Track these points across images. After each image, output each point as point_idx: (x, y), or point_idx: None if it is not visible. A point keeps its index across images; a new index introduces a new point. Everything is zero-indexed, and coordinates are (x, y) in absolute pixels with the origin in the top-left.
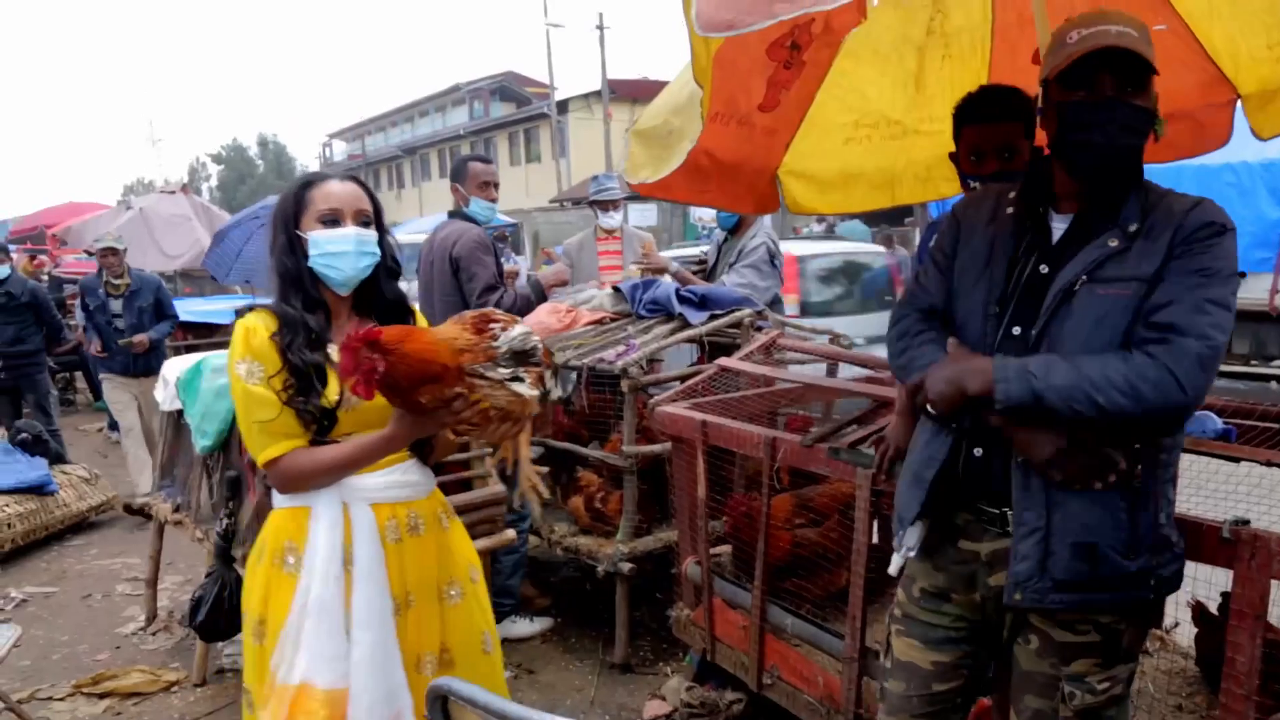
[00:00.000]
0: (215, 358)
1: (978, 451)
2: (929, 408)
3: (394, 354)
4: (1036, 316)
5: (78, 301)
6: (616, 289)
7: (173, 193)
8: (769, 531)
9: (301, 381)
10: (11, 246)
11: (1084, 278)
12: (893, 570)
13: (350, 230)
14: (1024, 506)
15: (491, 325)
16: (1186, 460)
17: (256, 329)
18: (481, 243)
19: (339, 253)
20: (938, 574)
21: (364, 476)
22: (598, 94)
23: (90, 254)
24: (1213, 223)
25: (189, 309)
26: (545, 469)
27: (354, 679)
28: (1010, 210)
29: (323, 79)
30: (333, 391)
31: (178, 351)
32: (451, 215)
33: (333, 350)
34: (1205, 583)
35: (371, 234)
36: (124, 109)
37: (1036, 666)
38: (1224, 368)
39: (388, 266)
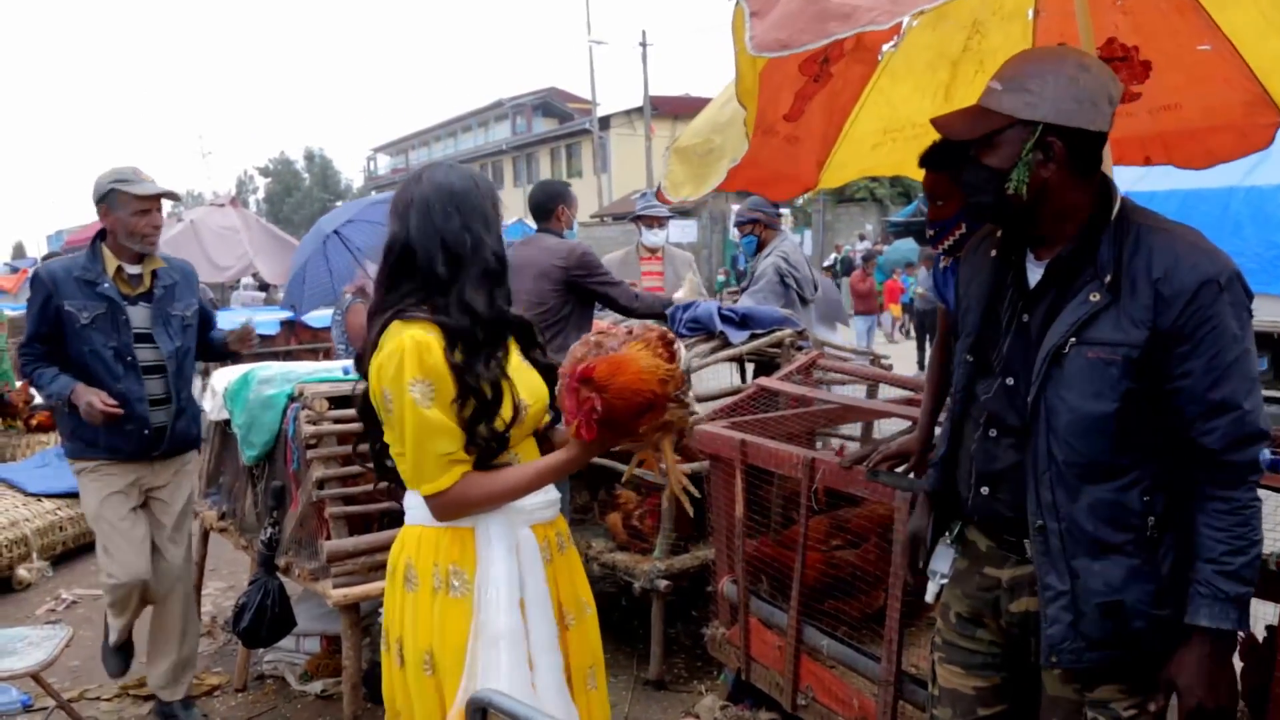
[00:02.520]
0: (263, 369)
1: (985, 490)
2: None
3: (609, 390)
4: (1027, 371)
5: None
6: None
7: (222, 205)
8: (804, 553)
9: (482, 404)
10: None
11: (1073, 340)
12: (929, 597)
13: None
14: (1045, 571)
15: (675, 346)
16: None
17: (430, 345)
18: (588, 252)
19: None
20: (967, 600)
21: (528, 497)
22: (639, 110)
23: None
24: (1207, 282)
25: (234, 320)
26: (691, 467)
27: (543, 705)
28: (992, 253)
29: (368, 94)
30: (506, 409)
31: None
32: (541, 232)
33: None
34: (1253, 616)
35: None
36: (175, 123)
37: (1061, 692)
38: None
39: None
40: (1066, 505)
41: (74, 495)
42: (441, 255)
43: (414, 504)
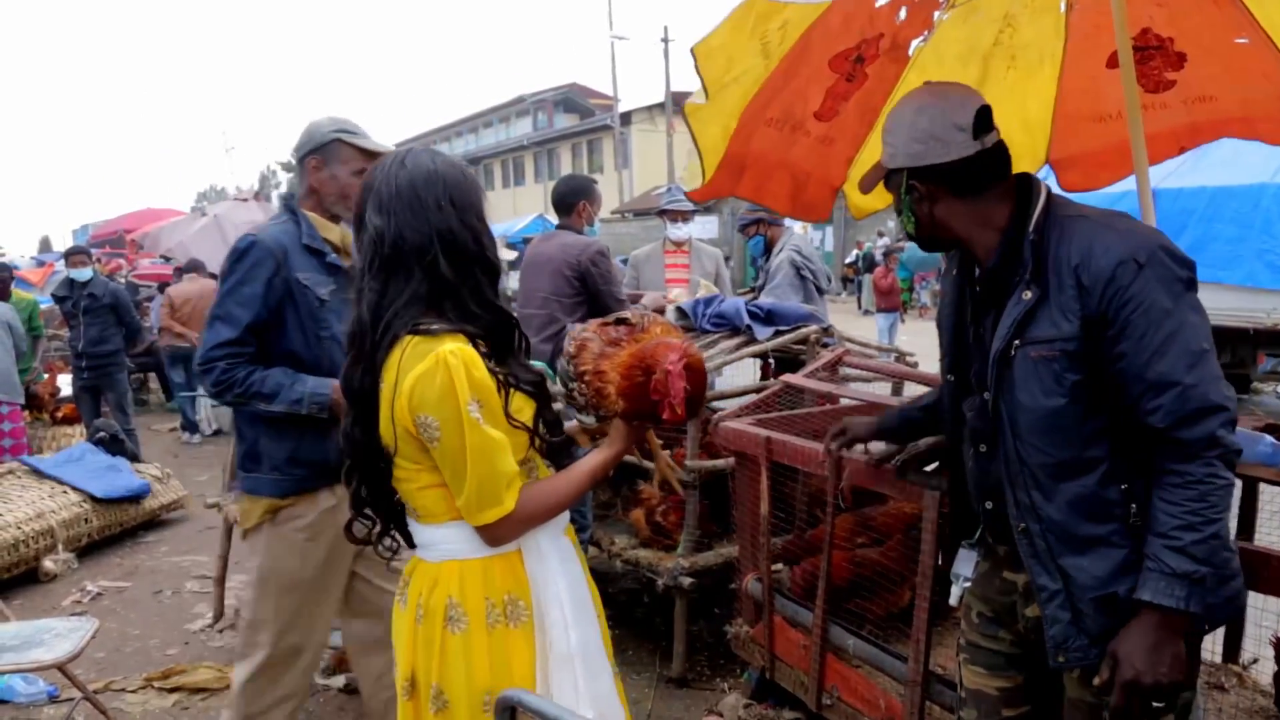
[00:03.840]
0: None
1: (989, 505)
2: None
3: (696, 371)
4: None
5: (153, 303)
6: (679, 309)
7: (246, 200)
8: (831, 552)
9: (541, 403)
10: (93, 250)
11: (1016, 342)
12: (953, 601)
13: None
14: (1037, 573)
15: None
16: (1268, 492)
17: (475, 359)
18: (604, 254)
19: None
20: (988, 602)
21: None
22: (661, 106)
23: (166, 259)
24: (1123, 262)
25: None
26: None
27: (610, 713)
28: (954, 273)
29: (390, 89)
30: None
31: None
32: (561, 229)
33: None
34: None
35: None
36: (199, 118)
37: (1080, 694)
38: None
39: None
40: (1044, 505)
41: (136, 497)
42: (444, 252)
43: (447, 538)
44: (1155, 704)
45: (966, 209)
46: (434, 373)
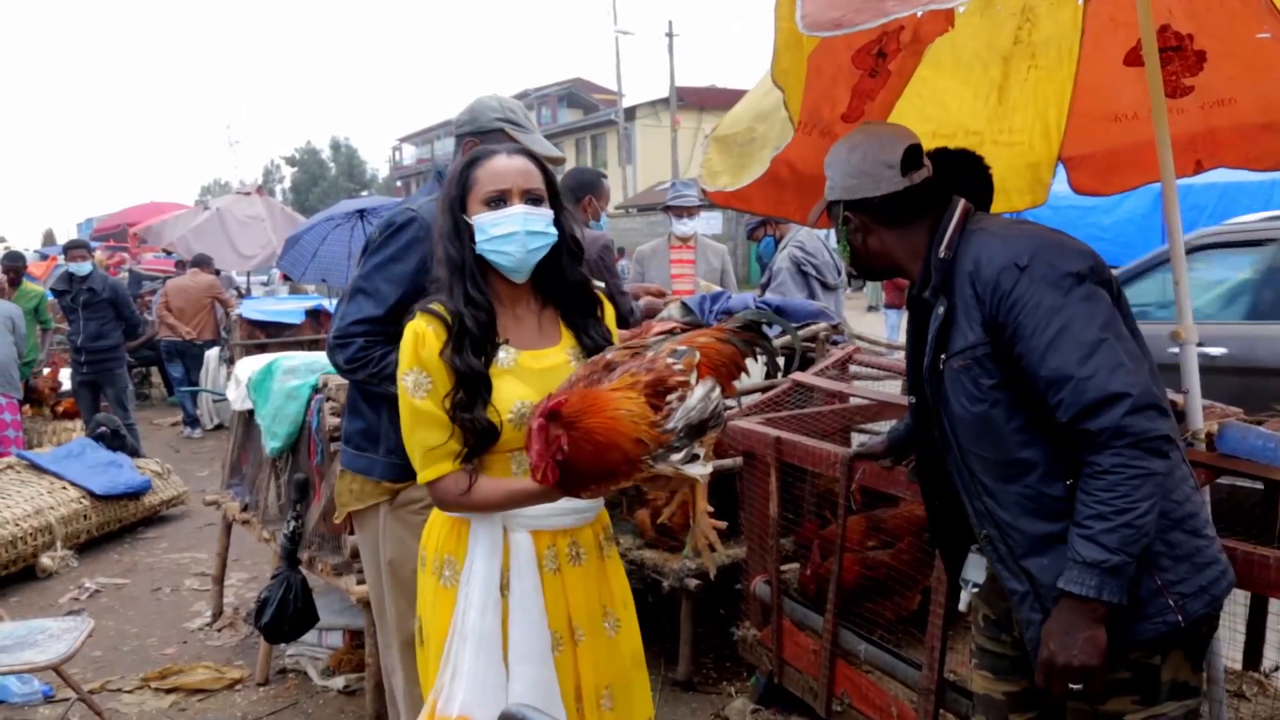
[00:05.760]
0: (287, 359)
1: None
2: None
3: (577, 429)
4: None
5: (155, 297)
6: (684, 304)
7: (248, 194)
8: (842, 554)
9: (467, 390)
10: (95, 244)
11: (942, 356)
12: (962, 607)
13: (517, 210)
14: (1006, 577)
15: (669, 397)
16: None
17: (426, 336)
18: (609, 248)
19: (506, 235)
20: (993, 606)
21: None
22: (665, 101)
23: (168, 252)
24: (1004, 269)
25: (259, 308)
26: (723, 524)
27: (485, 704)
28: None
29: (394, 84)
30: (503, 400)
31: (249, 351)
32: None
33: (506, 352)
34: None
35: (543, 213)
36: (203, 112)
37: (1080, 701)
38: None
39: (569, 248)
40: (997, 510)
41: (136, 494)
42: (437, 246)
43: None
44: (1072, 685)
45: (897, 239)
46: (403, 341)
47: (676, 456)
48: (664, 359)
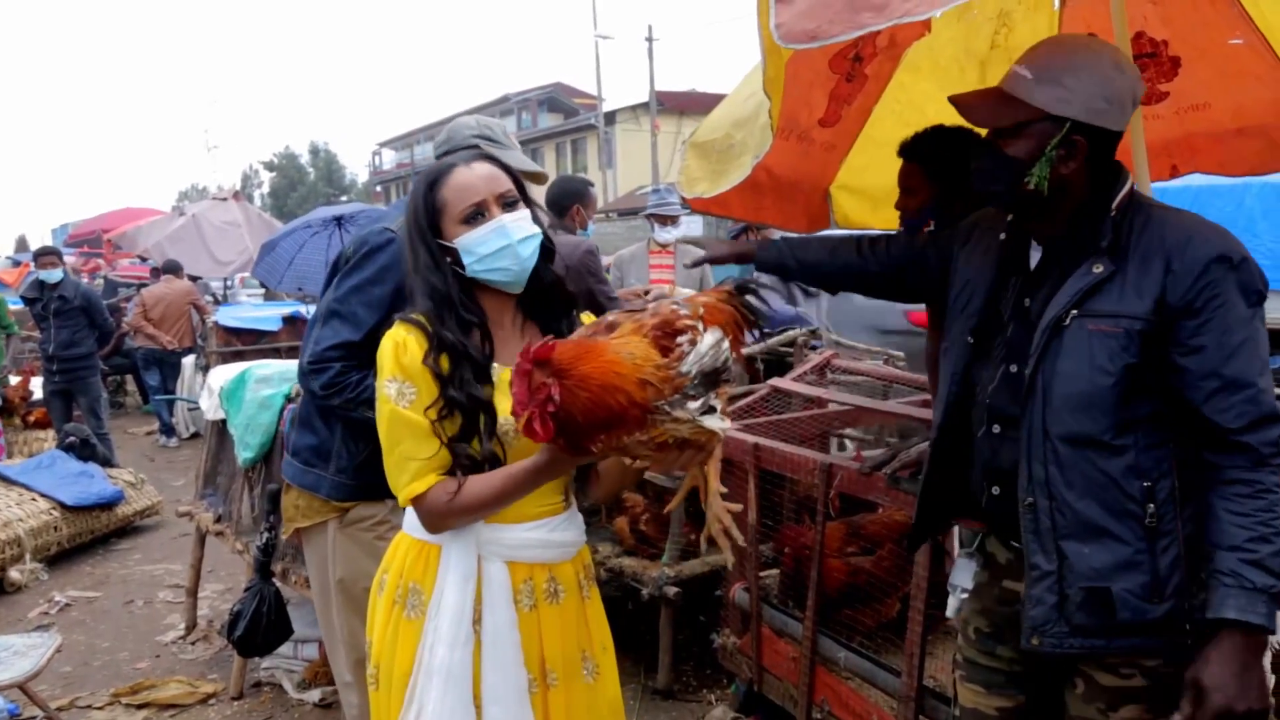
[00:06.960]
0: (260, 367)
1: (996, 490)
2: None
3: (570, 377)
4: (1029, 354)
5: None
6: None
7: (225, 200)
8: (822, 560)
9: (468, 421)
10: (69, 250)
11: (1074, 312)
12: (950, 613)
13: (502, 220)
14: (1033, 551)
15: (679, 339)
16: None
17: (407, 344)
18: (594, 254)
19: (498, 250)
20: (987, 615)
21: (505, 528)
22: (645, 106)
23: (144, 259)
24: (1220, 258)
25: (235, 315)
26: (739, 506)
27: None
28: (1002, 236)
29: (374, 89)
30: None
31: (225, 359)
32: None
33: (497, 369)
34: None
35: (523, 214)
36: (181, 117)
37: (1084, 712)
38: None
39: (544, 245)
40: (1058, 482)
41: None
42: (414, 279)
43: (409, 511)
44: None
45: (1085, 180)
46: (381, 349)
47: (694, 405)
48: (668, 306)
